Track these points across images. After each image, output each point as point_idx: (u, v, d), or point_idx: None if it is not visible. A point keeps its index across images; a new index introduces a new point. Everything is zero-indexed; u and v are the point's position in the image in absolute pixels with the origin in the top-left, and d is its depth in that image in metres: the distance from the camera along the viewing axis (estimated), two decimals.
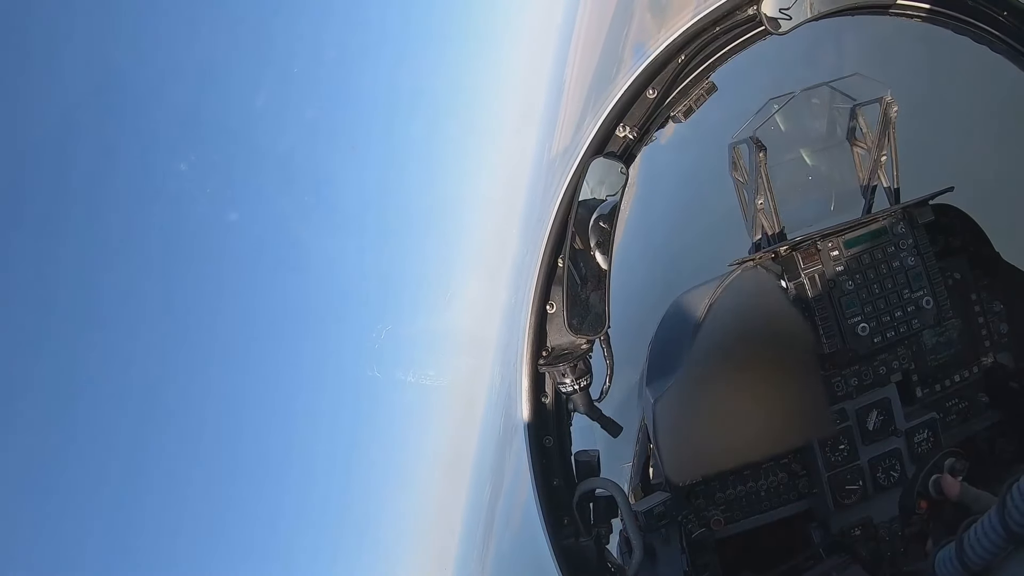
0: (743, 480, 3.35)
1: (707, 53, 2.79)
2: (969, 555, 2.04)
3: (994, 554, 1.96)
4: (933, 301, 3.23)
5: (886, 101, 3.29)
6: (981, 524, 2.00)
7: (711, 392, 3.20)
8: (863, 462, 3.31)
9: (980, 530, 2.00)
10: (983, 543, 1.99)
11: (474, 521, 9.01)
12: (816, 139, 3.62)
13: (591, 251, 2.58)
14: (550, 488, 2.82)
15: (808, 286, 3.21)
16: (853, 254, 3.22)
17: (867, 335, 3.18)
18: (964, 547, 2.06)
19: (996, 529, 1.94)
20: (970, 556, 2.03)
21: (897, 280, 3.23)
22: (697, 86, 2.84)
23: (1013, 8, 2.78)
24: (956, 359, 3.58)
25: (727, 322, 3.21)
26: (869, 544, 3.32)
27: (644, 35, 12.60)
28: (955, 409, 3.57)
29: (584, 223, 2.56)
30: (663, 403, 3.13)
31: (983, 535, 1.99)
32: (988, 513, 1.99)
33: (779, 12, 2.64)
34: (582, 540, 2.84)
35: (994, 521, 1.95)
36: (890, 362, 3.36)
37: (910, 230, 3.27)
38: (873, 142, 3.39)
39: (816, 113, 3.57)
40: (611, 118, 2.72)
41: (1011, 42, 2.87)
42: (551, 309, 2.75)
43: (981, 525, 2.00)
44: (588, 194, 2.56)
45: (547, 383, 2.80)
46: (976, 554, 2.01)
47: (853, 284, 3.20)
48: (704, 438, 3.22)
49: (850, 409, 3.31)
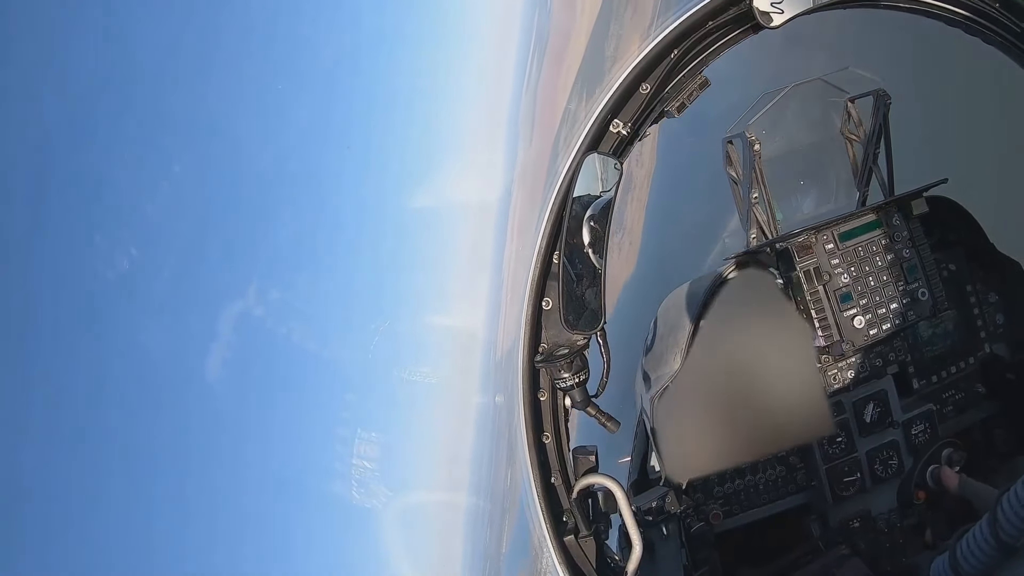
0: (741, 474, 3.35)
1: (700, 48, 2.79)
2: (962, 565, 2.07)
3: (986, 564, 1.99)
4: (929, 293, 3.23)
5: (879, 94, 3.30)
6: (973, 534, 2.04)
7: (709, 389, 3.20)
8: (861, 454, 3.32)
9: (972, 540, 2.03)
10: (975, 553, 2.02)
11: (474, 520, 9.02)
12: (810, 133, 3.63)
13: (586, 247, 2.58)
14: (548, 484, 2.82)
15: (803, 279, 3.21)
16: (848, 247, 3.23)
17: (863, 327, 3.19)
18: (957, 557, 2.09)
19: (988, 539, 1.97)
20: (963, 566, 2.06)
21: (892, 272, 3.23)
22: (690, 81, 2.85)
23: (1005, 0, 2.78)
24: (952, 351, 3.59)
25: (724, 317, 3.22)
26: (868, 536, 3.33)
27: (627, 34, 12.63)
28: (952, 400, 3.58)
29: (579, 219, 2.56)
30: (662, 400, 3.14)
31: (975, 545, 2.02)
32: (980, 523, 2.02)
33: (771, 6, 2.64)
34: (581, 536, 2.85)
35: (985, 532, 1.98)
36: (886, 354, 3.36)
37: (905, 222, 3.27)
38: (867, 135, 3.40)
39: (810, 107, 3.57)
40: (605, 113, 2.72)
41: (1004, 34, 2.87)
42: (547, 305, 2.75)
43: (973, 535, 2.04)
44: (583, 190, 2.56)
45: (544, 379, 2.80)
46: (969, 564, 2.05)
47: (848, 277, 3.21)
48: (703, 436, 3.23)
49: (847, 401, 3.32)
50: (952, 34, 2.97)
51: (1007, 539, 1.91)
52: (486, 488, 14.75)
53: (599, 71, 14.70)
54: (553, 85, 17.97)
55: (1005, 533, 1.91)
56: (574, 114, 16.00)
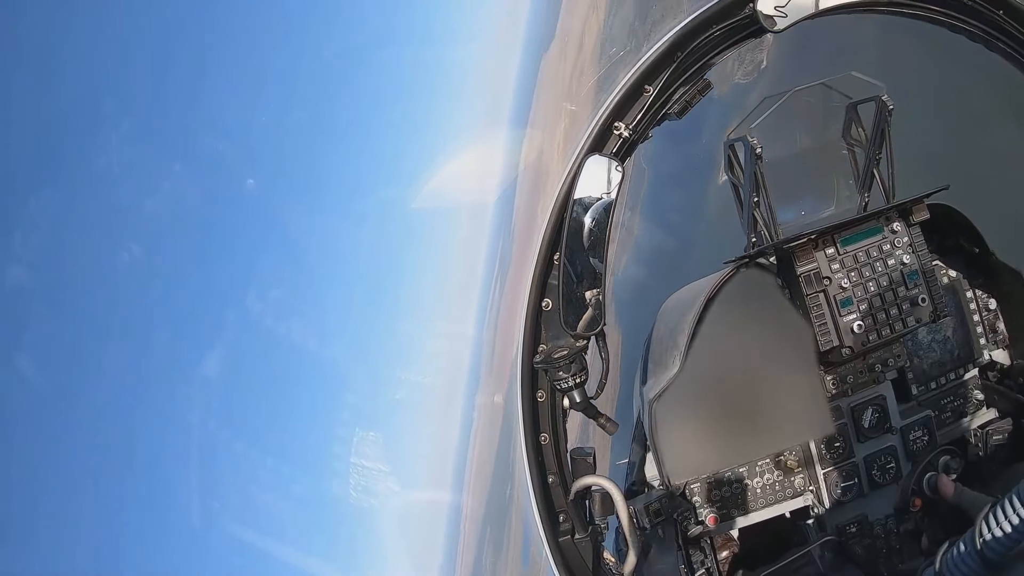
0: (739, 478, 3.35)
1: (703, 51, 2.80)
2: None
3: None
4: (928, 299, 3.23)
5: (881, 100, 3.30)
6: (957, 548, 2.03)
7: (708, 391, 3.20)
8: (858, 459, 3.32)
9: (957, 555, 2.03)
10: (960, 568, 2.02)
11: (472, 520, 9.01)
12: (811, 137, 3.63)
13: (587, 249, 2.58)
14: (546, 485, 2.82)
15: (803, 284, 3.21)
16: (848, 252, 3.23)
17: (862, 332, 3.19)
18: (941, 571, 2.09)
19: (971, 554, 1.98)
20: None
21: (892, 278, 3.23)
22: (693, 84, 2.85)
23: (1010, 7, 2.78)
24: (951, 357, 3.60)
25: (723, 320, 3.22)
26: (864, 541, 3.33)
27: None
28: (950, 407, 3.58)
29: (580, 221, 2.56)
30: (661, 402, 3.14)
31: (959, 559, 2.02)
32: (963, 538, 2.02)
33: (774, 10, 2.65)
34: (578, 537, 2.85)
35: (969, 548, 1.99)
36: (885, 360, 3.37)
37: (905, 228, 3.27)
38: (868, 140, 3.40)
39: (811, 112, 3.57)
40: (608, 116, 2.73)
41: (1007, 41, 2.88)
42: (547, 306, 2.75)
43: (957, 549, 2.03)
44: (584, 192, 2.57)
45: (542, 380, 2.81)
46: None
47: (848, 282, 3.21)
48: (702, 437, 3.23)
49: (845, 407, 3.32)
50: (955, 40, 2.97)
51: (991, 555, 1.92)
52: (484, 488, 14.75)
53: (606, 72, 14.74)
54: (554, 85, 17.97)
55: (989, 549, 1.91)
56: (575, 115, 16.02)
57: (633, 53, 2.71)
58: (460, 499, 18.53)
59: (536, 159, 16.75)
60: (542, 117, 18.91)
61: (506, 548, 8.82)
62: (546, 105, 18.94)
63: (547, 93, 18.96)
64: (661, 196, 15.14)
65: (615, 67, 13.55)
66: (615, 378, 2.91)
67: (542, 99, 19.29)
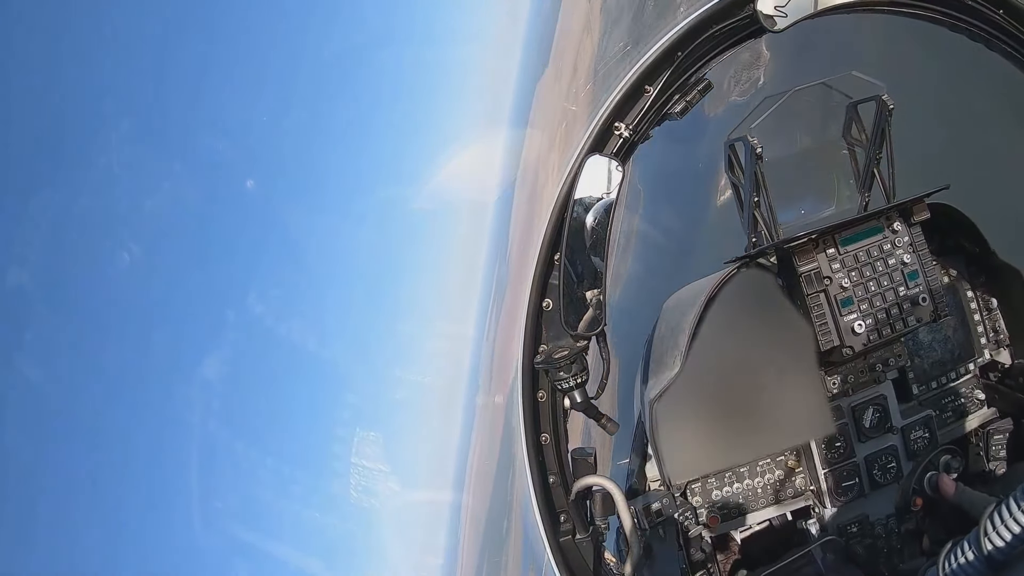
0: (740, 478, 3.35)
1: (704, 51, 2.80)
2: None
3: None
4: (929, 299, 3.23)
5: (881, 99, 3.30)
6: (960, 548, 2.03)
7: (709, 391, 3.20)
8: (859, 459, 3.32)
9: (960, 554, 2.03)
10: (964, 567, 2.01)
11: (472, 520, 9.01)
12: (812, 137, 3.63)
13: (587, 249, 2.58)
14: (547, 485, 2.82)
15: (804, 284, 3.21)
16: (849, 251, 3.23)
17: (863, 332, 3.19)
18: (944, 571, 2.08)
19: (975, 554, 1.98)
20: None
21: (893, 278, 3.23)
22: (694, 84, 2.85)
23: (1010, 6, 2.78)
24: (952, 356, 3.60)
25: (724, 320, 3.22)
26: (865, 541, 3.33)
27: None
28: (951, 406, 3.58)
29: (581, 221, 2.56)
30: (662, 402, 3.14)
31: (963, 559, 2.02)
32: (967, 537, 2.02)
33: (774, 10, 2.65)
34: (579, 537, 2.85)
35: (973, 546, 1.98)
36: (886, 359, 3.37)
37: (906, 228, 3.27)
38: (869, 140, 3.40)
39: (812, 111, 3.57)
40: (609, 116, 2.72)
41: (1007, 40, 2.87)
42: (548, 306, 2.75)
43: (960, 549, 2.03)
44: (585, 192, 2.56)
45: (543, 380, 2.80)
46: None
47: (849, 282, 3.21)
48: (703, 437, 3.23)
49: (846, 406, 3.32)
50: (955, 40, 2.97)
51: (996, 554, 1.91)
52: (485, 489, 14.72)
53: (606, 72, 14.73)
54: (556, 85, 17.96)
55: (993, 548, 1.91)
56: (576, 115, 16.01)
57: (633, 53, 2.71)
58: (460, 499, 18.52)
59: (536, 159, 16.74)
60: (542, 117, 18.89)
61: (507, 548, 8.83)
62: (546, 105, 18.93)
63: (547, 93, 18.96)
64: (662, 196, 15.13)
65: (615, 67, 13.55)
66: (615, 378, 2.91)
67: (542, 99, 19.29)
